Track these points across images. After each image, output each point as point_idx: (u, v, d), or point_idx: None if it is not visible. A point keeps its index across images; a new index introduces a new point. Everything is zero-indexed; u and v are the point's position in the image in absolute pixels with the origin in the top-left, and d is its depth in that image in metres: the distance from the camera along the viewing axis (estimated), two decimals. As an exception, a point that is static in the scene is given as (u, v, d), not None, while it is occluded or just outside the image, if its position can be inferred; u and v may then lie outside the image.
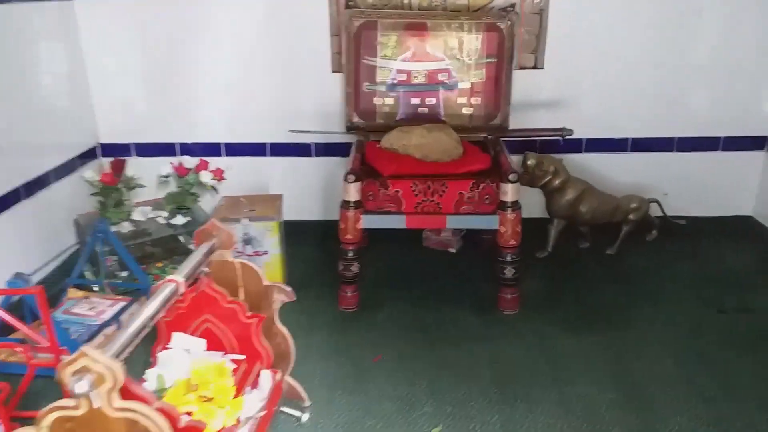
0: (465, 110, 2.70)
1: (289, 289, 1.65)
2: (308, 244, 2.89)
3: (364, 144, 2.55)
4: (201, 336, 1.59)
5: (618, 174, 2.98)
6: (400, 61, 2.66)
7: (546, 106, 2.86)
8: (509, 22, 2.57)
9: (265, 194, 2.59)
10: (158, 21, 2.78)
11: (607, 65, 2.81)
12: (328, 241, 2.65)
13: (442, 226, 2.24)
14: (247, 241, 2.37)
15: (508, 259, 2.28)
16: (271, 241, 2.39)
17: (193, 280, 1.51)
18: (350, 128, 2.71)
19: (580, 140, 2.92)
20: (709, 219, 3.06)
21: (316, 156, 2.99)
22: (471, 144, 2.52)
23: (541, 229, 2.76)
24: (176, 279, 1.40)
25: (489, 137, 2.57)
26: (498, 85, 2.65)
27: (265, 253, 2.40)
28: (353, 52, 2.64)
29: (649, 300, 2.44)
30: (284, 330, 1.71)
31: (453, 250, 2.79)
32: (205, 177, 2.73)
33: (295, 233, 2.82)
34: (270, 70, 2.85)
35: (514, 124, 2.67)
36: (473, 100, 2.69)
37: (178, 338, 1.55)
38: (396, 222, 2.27)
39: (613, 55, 2.79)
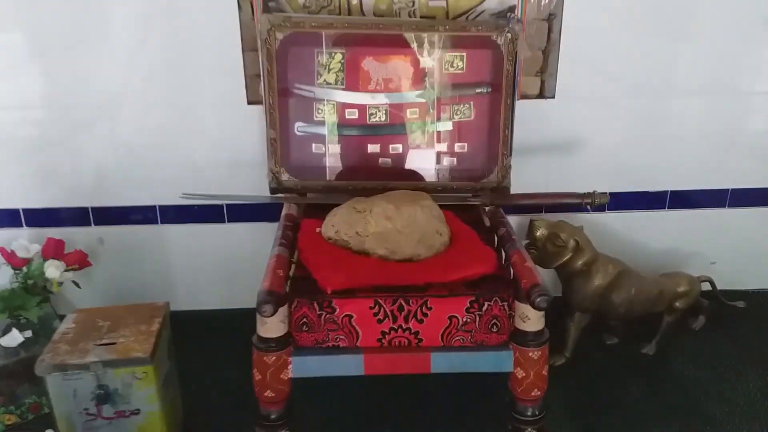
0: (446, 162, 1.84)
1: None
2: (218, 355, 1.98)
3: (298, 223, 1.65)
4: None
5: (651, 238, 2.18)
6: (349, 91, 1.78)
7: (556, 150, 2.03)
8: (509, 35, 1.72)
9: (140, 305, 1.65)
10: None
11: (640, 93, 1.99)
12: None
13: (424, 371, 1.40)
14: (103, 398, 1.44)
15: (529, 415, 1.44)
16: (143, 393, 1.47)
17: None
18: (276, 190, 1.81)
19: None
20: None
21: (231, 222, 2.07)
22: (457, 219, 1.66)
23: (555, 320, 1.91)
24: None
25: (487, 208, 1.71)
26: (493, 127, 1.79)
27: (135, 412, 1.48)
28: (277, 77, 1.73)
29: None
30: None
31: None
32: (53, 270, 1.77)
33: (199, 335, 2.01)
34: (153, 100, 1.91)
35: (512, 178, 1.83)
36: (458, 148, 1.83)
37: None
38: (348, 366, 1.39)
39: (648, 80, 1.97)
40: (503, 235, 1.57)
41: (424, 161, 1.83)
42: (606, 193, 1.67)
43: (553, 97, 1.96)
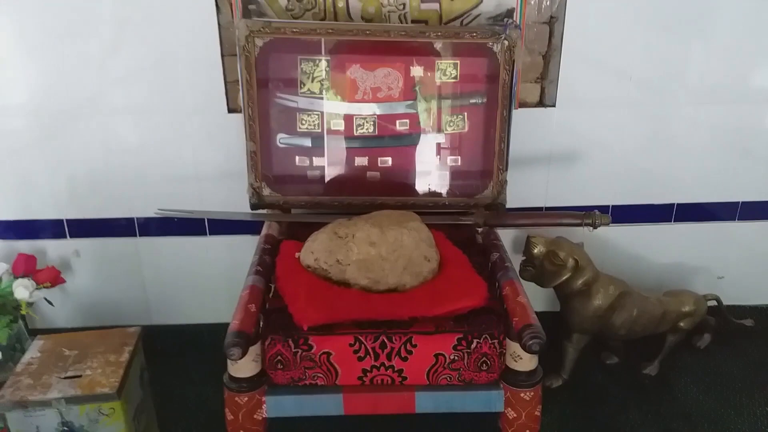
0: (437, 177, 1.73)
1: None
2: (198, 371, 1.90)
3: (277, 245, 1.55)
4: None
5: (655, 252, 2.07)
6: (334, 101, 1.66)
7: (556, 161, 1.91)
8: (506, 42, 1.60)
9: (111, 330, 1.55)
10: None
11: (647, 101, 1.86)
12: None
13: (408, 411, 1.30)
14: (68, 437, 1.36)
15: (520, 457, 1.34)
16: (111, 429, 1.38)
17: None
18: (257, 206, 1.71)
19: (606, 207, 1.98)
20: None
21: (213, 235, 1.97)
22: (447, 241, 1.55)
23: (549, 335, 1.81)
24: None
25: (480, 229, 1.61)
26: (488, 140, 1.68)
27: (102, 449, 1.39)
28: (257, 86, 1.62)
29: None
30: None
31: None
32: (22, 290, 1.68)
33: (178, 351, 1.98)
34: (128, 107, 1.80)
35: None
36: (450, 162, 1.72)
37: None
38: (327, 405, 1.30)
39: (656, 86, 1.85)
40: (496, 261, 1.46)
41: (414, 176, 1.72)
42: (608, 214, 1.55)
43: (554, 106, 1.84)
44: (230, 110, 1.82)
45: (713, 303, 1.98)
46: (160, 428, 1.67)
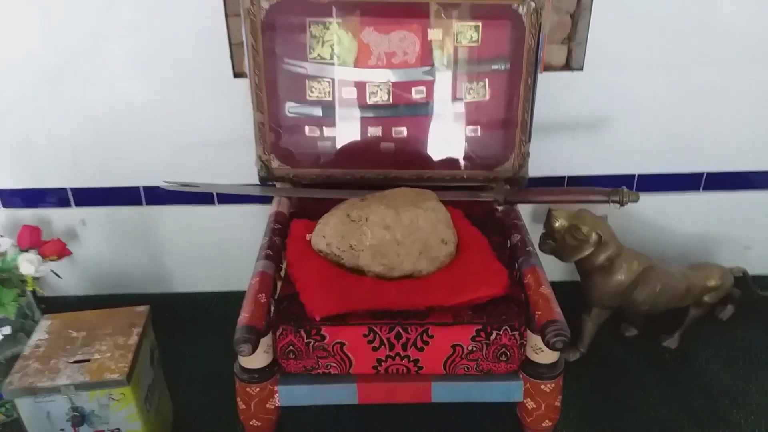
0: (455, 148, 1.63)
1: None
2: (208, 342, 1.88)
3: (287, 224, 1.49)
4: None
5: (681, 222, 1.98)
6: (346, 67, 1.56)
7: (581, 128, 1.80)
8: (533, 4, 1.47)
9: (119, 310, 1.51)
10: None
11: (683, 64, 1.73)
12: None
13: (424, 400, 1.27)
14: (79, 420, 1.34)
15: (539, 446, 1.31)
16: (122, 413, 1.36)
17: None
18: (265, 179, 1.63)
19: (631, 176, 1.89)
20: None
21: (221, 204, 1.91)
22: (465, 220, 1.48)
23: (568, 307, 1.77)
24: None
25: (500, 207, 1.52)
26: (511, 109, 1.57)
27: (115, 432, 1.38)
28: (264, 52, 1.52)
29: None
30: None
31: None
32: (27, 265, 1.64)
33: (190, 319, 1.98)
34: (126, 68, 1.70)
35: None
36: (469, 132, 1.62)
37: None
38: (340, 395, 1.27)
39: (693, 48, 1.71)
40: (517, 244, 1.39)
41: (430, 147, 1.63)
42: (636, 192, 1.46)
43: (581, 69, 1.72)
44: (236, 75, 1.72)
45: (740, 275, 1.91)
46: (173, 403, 1.66)
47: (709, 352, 1.88)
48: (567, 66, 1.76)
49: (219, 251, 1.98)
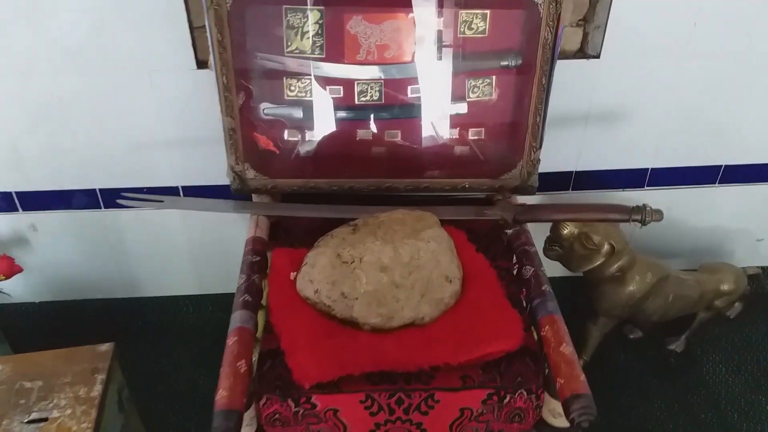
0: (457, 153, 1.44)
1: None
2: (185, 357, 1.73)
3: (267, 253, 1.30)
4: None
5: (693, 216, 1.84)
6: (330, 62, 1.32)
7: (593, 121, 1.61)
8: (554, -9, 1.23)
9: (80, 349, 1.32)
10: None
11: (711, 51, 1.53)
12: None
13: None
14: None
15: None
16: (90, 476, 1.21)
17: None
18: (239, 192, 1.42)
19: (644, 171, 1.72)
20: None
21: (192, 204, 1.70)
22: (469, 245, 1.31)
23: (571, 305, 1.64)
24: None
25: (508, 231, 1.35)
26: (520, 110, 1.37)
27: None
28: (232, 46, 1.27)
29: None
30: None
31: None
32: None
33: (158, 329, 1.83)
34: (72, 56, 1.43)
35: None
36: (473, 134, 1.42)
37: None
38: (334, 462, 1.13)
39: (724, 36, 1.50)
40: (530, 279, 1.23)
41: (428, 152, 1.43)
42: (660, 210, 1.29)
43: (598, 57, 1.50)
44: (199, 64, 1.47)
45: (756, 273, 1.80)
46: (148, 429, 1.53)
47: (717, 356, 1.79)
48: (581, 52, 1.54)
49: (189, 252, 1.79)
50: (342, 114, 1.38)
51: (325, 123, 1.39)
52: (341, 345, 1.08)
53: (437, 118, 1.40)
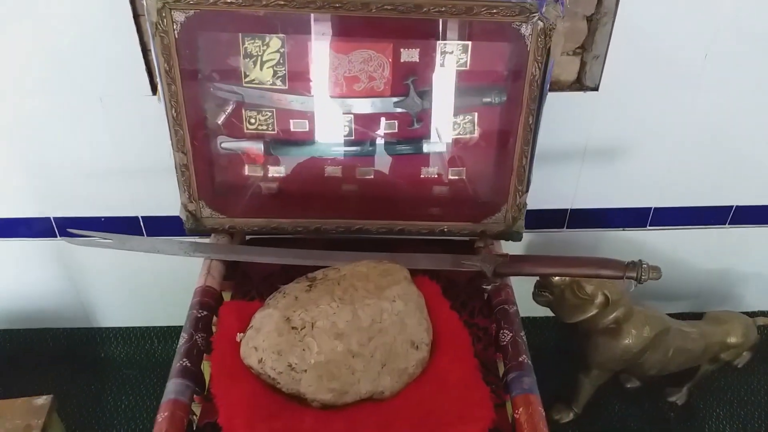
0: (435, 194, 1.30)
1: None
2: (155, 394, 1.63)
3: (216, 307, 1.17)
4: None
5: (700, 258, 1.69)
6: (293, 95, 1.19)
7: (590, 157, 1.47)
8: (541, 24, 1.08)
9: (15, 401, 1.21)
10: None
11: (722, 84, 1.38)
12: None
13: None
14: None
15: None
16: None
17: None
18: (192, 231, 1.30)
19: (646, 210, 1.58)
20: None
21: (151, 235, 1.57)
22: (443, 300, 1.18)
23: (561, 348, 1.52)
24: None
25: (488, 286, 1.21)
26: (505, 150, 1.23)
27: None
28: (182, 77, 1.14)
29: None
30: None
31: None
32: None
33: (123, 361, 1.75)
34: (20, 85, 1.32)
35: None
36: (452, 174, 1.29)
37: None
38: None
39: (735, 65, 1.35)
40: (507, 347, 1.09)
41: (403, 192, 1.29)
42: (658, 267, 1.15)
43: (596, 89, 1.36)
44: (155, 90, 1.34)
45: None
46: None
47: (720, 410, 1.65)
48: (578, 83, 1.39)
49: (152, 282, 1.67)
50: (308, 149, 1.25)
51: (289, 158, 1.26)
52: (283, 427, 0.96)
53: (413, 155, 1.26)
